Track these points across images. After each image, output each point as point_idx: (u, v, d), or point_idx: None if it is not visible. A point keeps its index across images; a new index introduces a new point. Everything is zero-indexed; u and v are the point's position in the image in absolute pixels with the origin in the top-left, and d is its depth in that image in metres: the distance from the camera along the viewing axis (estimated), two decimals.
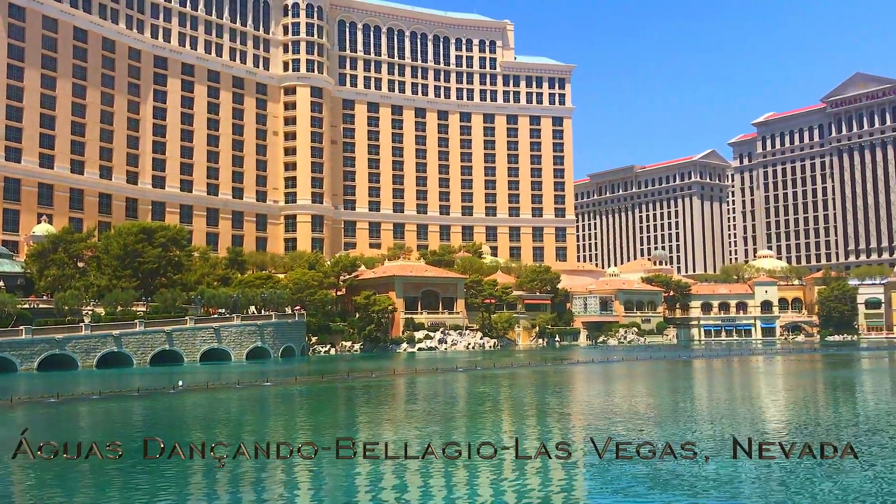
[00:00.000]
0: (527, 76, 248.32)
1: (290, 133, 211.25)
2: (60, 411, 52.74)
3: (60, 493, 27.17)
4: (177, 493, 27.13)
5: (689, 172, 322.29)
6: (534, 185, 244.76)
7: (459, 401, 61.23)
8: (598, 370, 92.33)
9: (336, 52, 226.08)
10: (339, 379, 77.11)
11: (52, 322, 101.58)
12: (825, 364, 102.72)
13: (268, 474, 30.29)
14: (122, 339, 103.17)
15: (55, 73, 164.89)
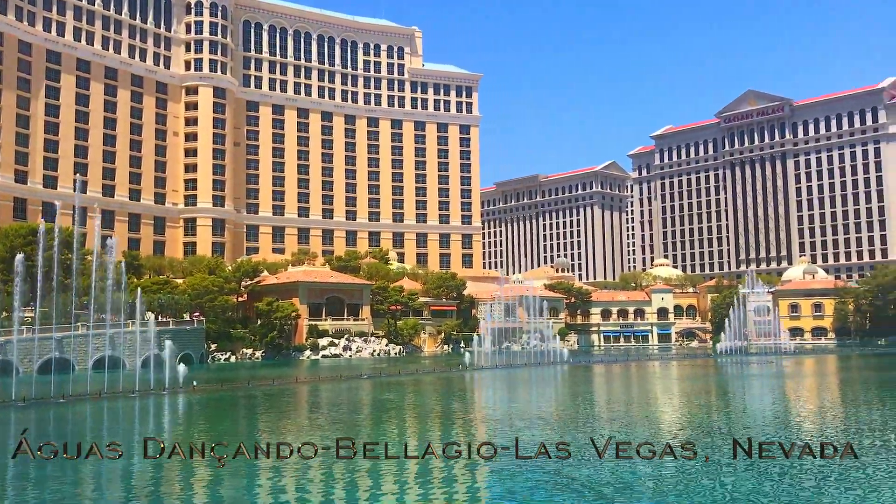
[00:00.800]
0: (434, 83, 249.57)
1: (191, 134, 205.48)
2: None
3: None
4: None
5: (590, 182, 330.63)
6: (441, 192, 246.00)
7: (363, 408, 60.64)
8: (503, 375, 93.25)
9: (241, 53, 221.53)
10: (239, 387, 75.19)
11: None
12: (717, 369, 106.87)
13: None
14: (7, 347, 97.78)
15: None
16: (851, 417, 49.46)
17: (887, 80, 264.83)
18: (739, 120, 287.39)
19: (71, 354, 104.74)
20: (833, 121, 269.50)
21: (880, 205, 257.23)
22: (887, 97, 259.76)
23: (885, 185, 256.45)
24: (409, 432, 44.46)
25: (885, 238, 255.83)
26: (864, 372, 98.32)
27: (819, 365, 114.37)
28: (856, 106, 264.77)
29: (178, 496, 27.60)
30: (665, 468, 30.40)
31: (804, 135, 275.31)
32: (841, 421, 47.67)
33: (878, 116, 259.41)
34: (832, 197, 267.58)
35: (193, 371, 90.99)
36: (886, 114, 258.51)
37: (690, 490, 26.69)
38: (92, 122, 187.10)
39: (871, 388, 74.09)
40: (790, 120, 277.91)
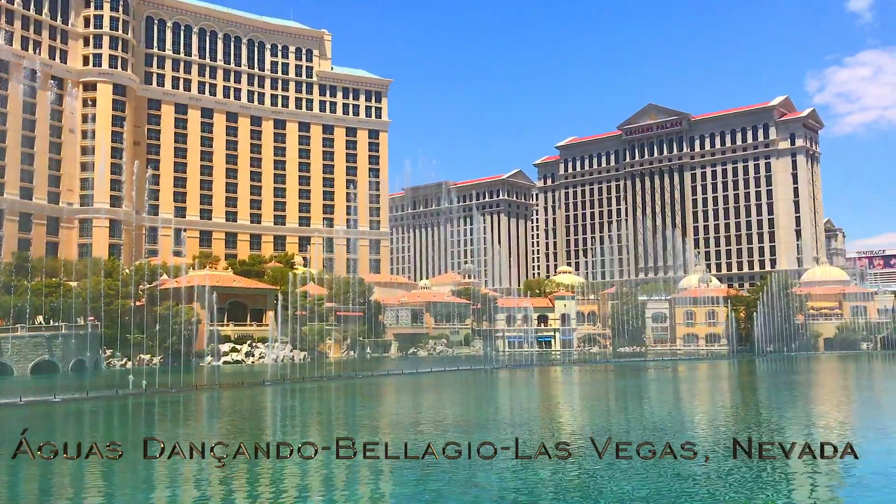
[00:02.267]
0: (344, 87, 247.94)
1: (88, 131, 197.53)
2: None
3: None
4: None
5: (497, 190, 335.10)
6: (349, 197, 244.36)
7: (265, 415, 59.67)
8: (408, 381, 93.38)
9: (143, 50, 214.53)
10: (136, 394, 72.72)
11: None
12: (616, 374, 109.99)
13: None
14: None
15: None
16: (721, 416, 51.85)
17: (777, 98, 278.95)
18: (640, 133, 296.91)
19: None
20: (727, 136, 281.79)
21: (770, 217, 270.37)
22: (777, 115, 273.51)
23: (775, 199, 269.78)
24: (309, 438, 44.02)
25: (773, 249, 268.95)
26: (749, 377, 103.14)
27: (711, 370, 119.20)
28: (748, 122, 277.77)
29: None
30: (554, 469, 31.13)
31: (700, 148, 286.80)
32: (708, 420, 49.90)
33: (769, 133, 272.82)
34: (726, 209, 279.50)
35: (87, 378, 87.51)
36: (776, 130, 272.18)
37: (589, 487, 27.45)
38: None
39: (752, 390, 77.78)
40: (688, 134, 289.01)
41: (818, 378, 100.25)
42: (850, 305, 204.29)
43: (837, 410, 58.85)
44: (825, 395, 74.17)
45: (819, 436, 43.73)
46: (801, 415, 55.14)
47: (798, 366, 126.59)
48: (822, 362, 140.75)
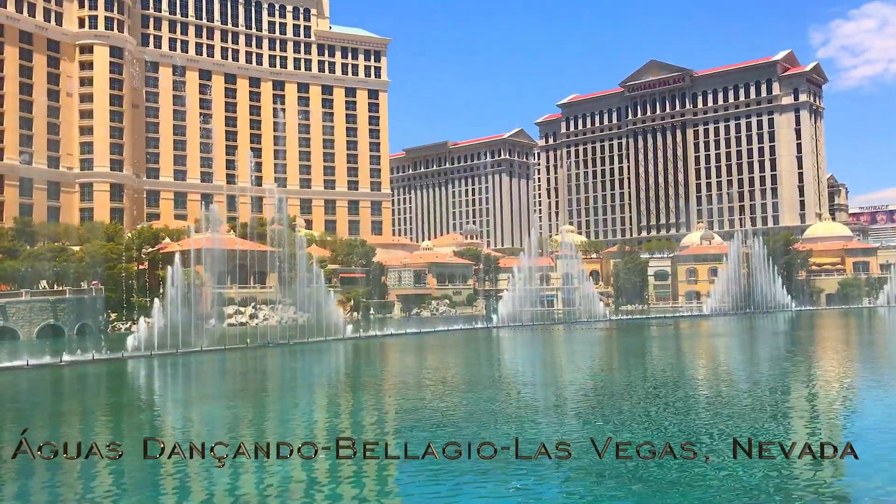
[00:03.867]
0: (342, 47, 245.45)
1: (86, 95, 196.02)
2: None
3: None
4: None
5: (498, 150, 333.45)
6: (349, 158, 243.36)
7: (271, 376, 60.17)
8: (412, 342, 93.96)
9: (139, 11, 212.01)
10: (140, 357, 73.22)
11: None
12: (619, 332, 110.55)
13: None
14: None
15: None
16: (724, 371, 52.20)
17: (781, 53, 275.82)
18: (642, 90, 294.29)
19: None
20: (730, 92, 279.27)
21: (773, 174, 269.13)
22: (780, 70, 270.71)
23: (777, 155, 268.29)
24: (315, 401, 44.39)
25: (776, 205, 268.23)
26: (749, 333, 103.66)
27: (712, 327, 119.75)
28: (751, 77, 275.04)
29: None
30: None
31: (703, 105, 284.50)
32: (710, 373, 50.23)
33: (773, 88, 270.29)
34: (728, 165, 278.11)
35: (92, 341, 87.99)
36: (780, 86, 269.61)
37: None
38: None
39: (751, 345, 78.23)
40: (690, 90, 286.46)
41: (820, 333, 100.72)
42: (852, 261, 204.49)
43: (837, 364, 59.21)
44: (825, 351, 74.57)
45: (820, 391, 44.03)
46: (801, 370, 55.47)
47: (800, 321, 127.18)
48: (824, 317, 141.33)
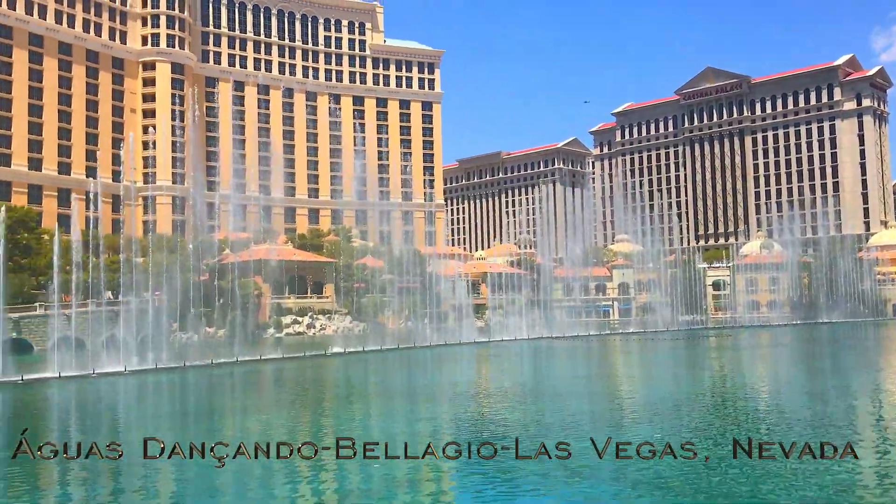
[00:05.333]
0: (396, 60, 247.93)
1: (149, 110, 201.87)
2: None
3: None
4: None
5: (552, 159, 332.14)
6: (403, 169, 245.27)
7: (330, 385, 60.96)
8: (467, 351, 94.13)
9: (199, 28, 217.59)
10: (203, 366, 74.89)
11: None
12: (676, 343, 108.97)
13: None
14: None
15: None
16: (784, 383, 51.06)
17: (842, 57, 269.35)
18: (699, 97, 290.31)
19: (29, 336, 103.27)
20: (790, 98, 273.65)
21: (835, 180, 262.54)
22: (842, 74, 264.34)
23: (840, 161, 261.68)
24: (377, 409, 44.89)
25: (839, 213, 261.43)
26: (812, 345, 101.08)
27: (773, 338, 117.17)
28: (811, 83, 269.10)
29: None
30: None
31: (762, 111, 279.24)
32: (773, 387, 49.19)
33: (834, 94, 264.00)
34: (788, 173, 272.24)
35: (154, 351, 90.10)
36: (842, 91, 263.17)
37: None
38: (46, 99, 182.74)
39: (812, 359, 76.30)
40: (748, 97, 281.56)
41: (888, 344, 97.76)
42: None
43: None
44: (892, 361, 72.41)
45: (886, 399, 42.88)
46: (867, 382, 54.02)
47: (865, 332, 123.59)
48: (892, 328, 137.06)
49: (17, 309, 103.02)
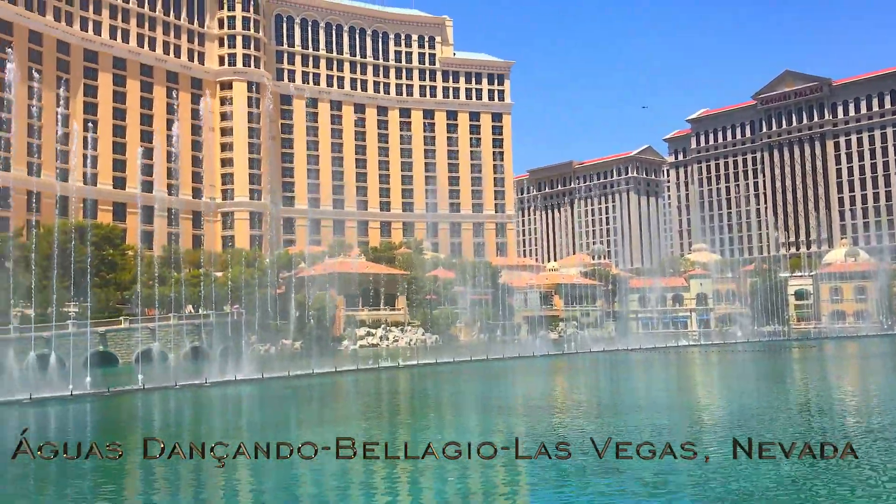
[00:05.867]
0: (466, 72, 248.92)
1: (226, 129, 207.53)
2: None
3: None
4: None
5: (626, 168, 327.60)
6: (474, 181, 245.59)
7: (402, 397, 61.09)
8: (540, 364, 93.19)
9: (273, 47, 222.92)
10: (281, 378, 76.04)
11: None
12: (758, 355, 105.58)
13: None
14: (53, 341, 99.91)
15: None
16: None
17: None
18: (777, 101, 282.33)
19: (114, 348, 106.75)
20: (874, 100, 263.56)
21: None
22: None
23: None
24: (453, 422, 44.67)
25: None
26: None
27: (862, 349, 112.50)
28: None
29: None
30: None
31: (844, 115, 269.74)
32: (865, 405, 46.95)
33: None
34: (874, 178, 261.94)
35: (234, 362, 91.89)
36: None
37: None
38: (129, 120, 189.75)
39: None
40: (829, 100, 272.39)
41: None
42: None
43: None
44: None
45: None
46: None
47: None
48: None
49: (103, 323, 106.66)
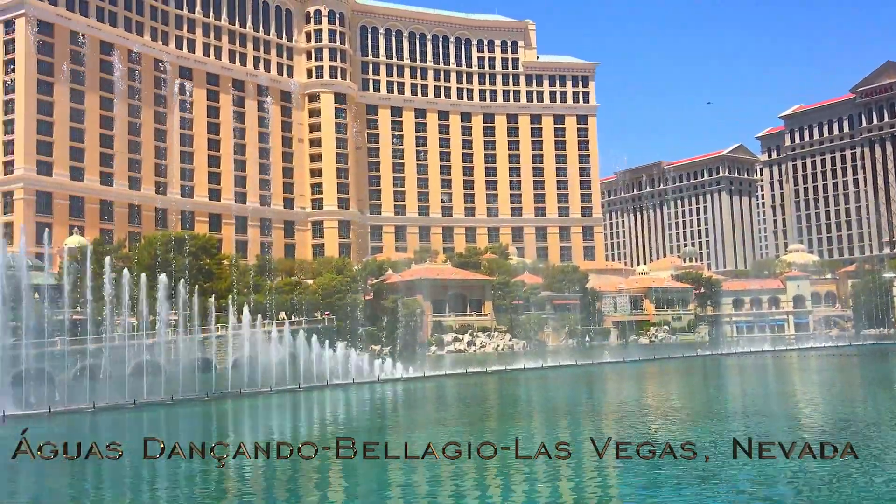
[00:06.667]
0: (550, 75, 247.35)
1: (315, 140, 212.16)
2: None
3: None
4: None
5: (717, 167, 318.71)
6: (559, 185, 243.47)
7: (492, 402, 61.01)
8: (631, 370, 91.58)
9: (359, 58, 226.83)
10: (371, 383, 77.09)
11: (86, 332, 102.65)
12: (861, 360, 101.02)
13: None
14: (155, 348, 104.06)
15: (83, 86, 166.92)
16: None
17: None
18: (877, 94, 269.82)
19: (212, 354, 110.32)
20: None
21: None
22: None
23: None
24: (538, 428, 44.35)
25: None
26: None
27: None
28: None
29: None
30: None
31: None
32: None
33: None
34: None
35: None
36: None
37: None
38: (222, 134, 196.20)
39: None
40: None
41: None
42: None
43: None
44: None
45: None
46: None
47: None
48: None
49: (200, 330, 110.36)
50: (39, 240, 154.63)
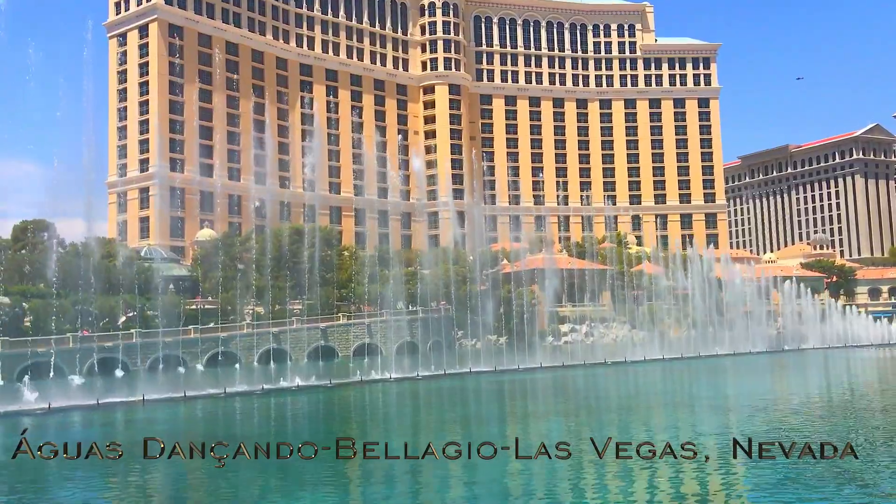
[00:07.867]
0: (669, 58, 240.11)
1: (429, 131, 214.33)
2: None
3: None
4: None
5: (850, 149, 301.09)
6: (680, 171, 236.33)
7: (604, 394, 60.05)
8: (761, 361, 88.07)
9: (472, 48, 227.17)
10: (489, 372, 77.29)
11: (217, 321, 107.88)
12: None
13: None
14: (281, 337, 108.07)
15: (210, 86, 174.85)
16: None
17: None
18: None
19: (334, 342, 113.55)
20: None
21: None
22: None
23: None
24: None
25: None
26: None
27: None
28: None
29: None
30: None
31: None
32: None
33: None
34: None
35: (443, 357, 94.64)
36: None
37: None
38: (341, 128, 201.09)
39: None
40: None
41: None
42: None
43: None
44: None
45: None
46: None
47: None
48: None
49: (323, 319, 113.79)
50: (174, 234, 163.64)
